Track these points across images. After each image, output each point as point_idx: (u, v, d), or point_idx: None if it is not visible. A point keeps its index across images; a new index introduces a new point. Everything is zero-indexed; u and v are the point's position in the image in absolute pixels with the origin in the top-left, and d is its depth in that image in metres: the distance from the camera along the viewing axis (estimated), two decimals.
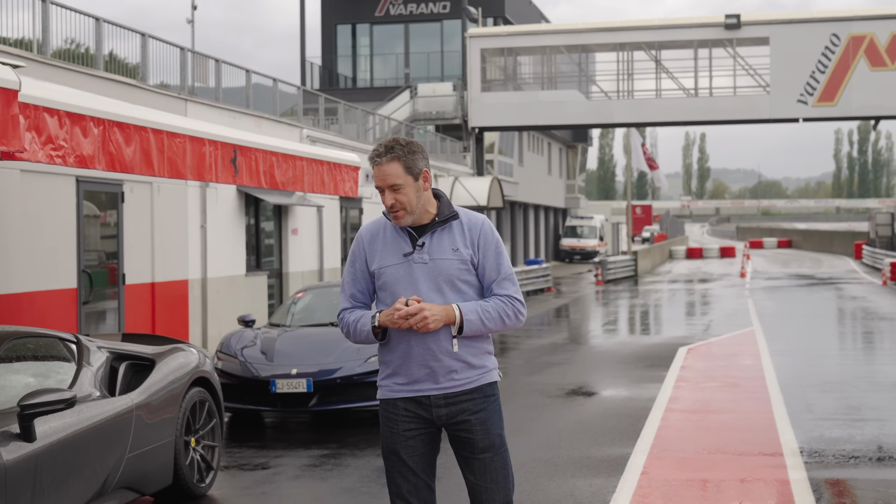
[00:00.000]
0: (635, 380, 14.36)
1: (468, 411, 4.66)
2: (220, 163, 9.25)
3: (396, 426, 4.69)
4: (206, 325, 17.76)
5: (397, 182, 4.64)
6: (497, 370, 4.81)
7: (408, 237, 4.73)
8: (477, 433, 4.66)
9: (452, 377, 4.65)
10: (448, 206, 4.81)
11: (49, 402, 6.37)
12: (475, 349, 4.70)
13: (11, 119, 6.14)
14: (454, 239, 4.73)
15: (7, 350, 6.90)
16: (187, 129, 8.86)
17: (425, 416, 4.68)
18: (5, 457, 6.15)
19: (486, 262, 4.73)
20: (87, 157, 7.34)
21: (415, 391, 4.68)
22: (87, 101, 7.50)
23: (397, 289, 4.67)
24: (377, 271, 4.74)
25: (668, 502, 7.70)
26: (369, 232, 4.84)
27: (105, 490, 7.23)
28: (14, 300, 12.83)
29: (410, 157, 4.69)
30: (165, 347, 8.44)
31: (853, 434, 10.22)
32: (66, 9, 14.66)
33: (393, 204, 4.65)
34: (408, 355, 4.67)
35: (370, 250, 4.78)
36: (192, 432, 8.36)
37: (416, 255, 4.69)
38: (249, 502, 8.22)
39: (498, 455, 4.68)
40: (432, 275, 4.67)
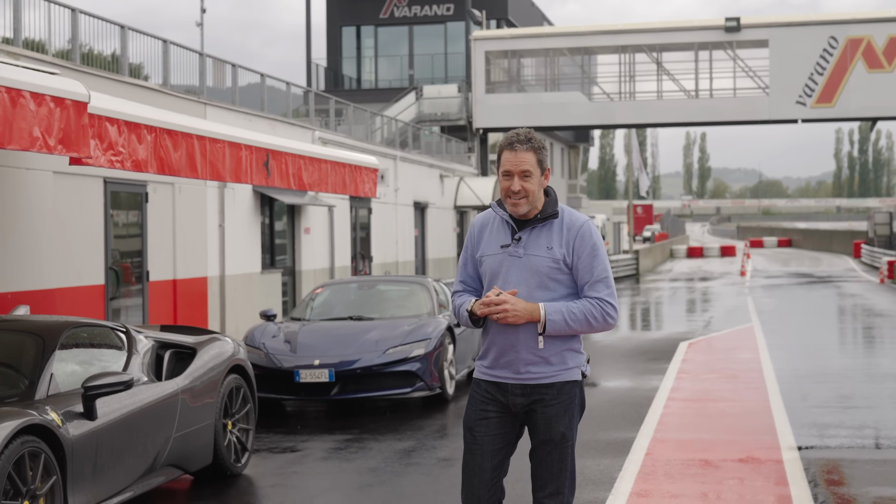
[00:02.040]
0: (638, 372, 15.00)
1: (539, 403, 4.88)
2: (255, 166, 9.92)
3: (475, 404, 4.98)
4: (224, 320, 18.41)
5: (529, 170, 4.84)
6: (580, 368, 4.96)
7: (509, 230, 4.96)
8: (540, 426, 4.88)
9: (530, 370, 4.87)
10: (553, 204, 4.96)
11: (110, 384, 7.05)
12: (557, 347, 4.88)
13: (82, 129, 6.81)
14: (551, 237, 4.90)
15: (67, 338, 7.55)
16: (226, 136, 9.54)
17: (502, 400, 4.92)
18: (72, 432, 6.82)
19: (581, 264, 4.88)
20: (142, 162, 8.01)
21: (496, 376, 4.94)
22: (141, 111, 8.18)
23: (492, 277, 4.95)
24: (479, 259, 5.01)
25: (671, 479, 8.35)
26: (481, 222, 5.09)
27: (155, 466, 7.90)
28: (47, 295, 13.48)
29: (543, 152, 4.91)
30: (205, 337, 9.10)
31: (844, 420, 10.88)
32: (93, 17, 15.31)
33: (519, 189, 4.83)
34: (493, 343, 4.94)
35: (478, 238, 5.04)
36: (230, 416, 9.01)
37: (512, 248, 4.90)
38: (283, 480, 8.87)
39: (557, 450, 4.88)
40: (523, 269, 4.87)
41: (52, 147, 6.94)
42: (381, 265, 27.17)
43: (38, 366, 7.15)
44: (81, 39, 15.25)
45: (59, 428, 6.67)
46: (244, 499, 8.41)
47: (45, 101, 6.78)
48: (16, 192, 12.94)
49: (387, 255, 27.93)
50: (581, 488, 8.21)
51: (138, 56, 17.25)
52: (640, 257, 46.18)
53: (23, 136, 6.63)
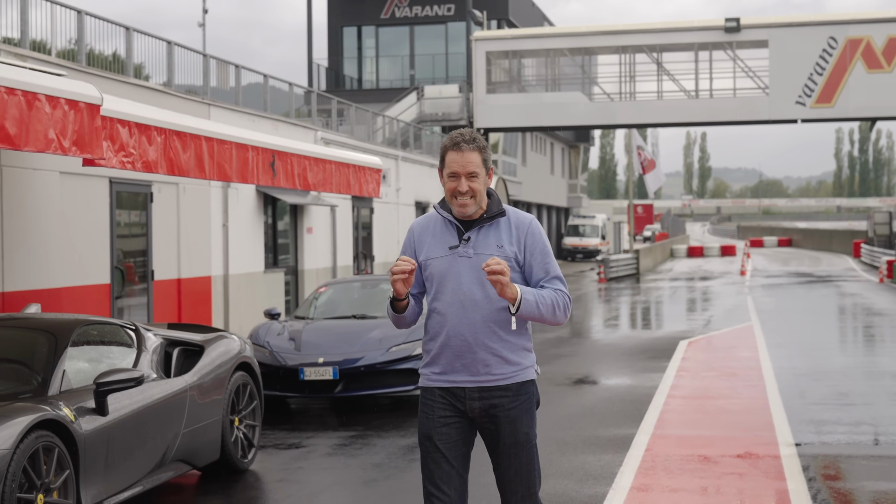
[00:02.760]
0: (638, 370, 15.15)
1: (500, 406, 4.77)
2: (261, 166, 10.09)
3: (432, 412, 4.83)
4: (227, 319, 18.57)
5: (476, 170, 4.77)
6: (534, 367, 4.91)
7: (455, 231, 4.87)
8: (504, 429, 4.78)
9: (489, 371, 4.77)
10: (498, 203, 4.90)
11: (121, 380, 7.20)
12: (512, 345, 4.81)
13: (95, 131, 6.97)
14: (500, 236, 4.84)
15: (78, 335, 7.71)
16: (233, 137, 9.70)
17: (459, 406, 4.81)
18: (84, 427, 6.97)
19: (534, 262, 4.86)
20: (152, 163, 8.18)
21: (450, 382, 4.81)
22: (151, 113, 8.34)
23: (442, 280, 4.83)
24: (424, 262, 4.89)
25: (671, 474, 8.50)
26: (420, 225, 4.99)
27: (164, 462, 8.05)
28: (54, 294, 13.64)
29: (487, 152, 4.86)
30: (212, 335, 9.25)
31: (841, 416, 11.04)
32: (99, 19, 15.46)
33: (467, 190, 4.76)
34: (445, 345, 4.81)
35: (419, 242, 4.93)
36: (236, 412, 9.16)
37: (462, 248, 4.81)
38: (288, 476, 9.02)
39: (524, 451, 4.81)
40: (475, 269, 4.78)
41: (66, 149, 7.11)
42: (382, 264, 27.33)
43: (51, 362, 7.30)
44: (87, 40, 15.39)
45: (72, 423, 6.83)
46: (251, 493, 8.56)
47: (60, 103, 6.95)
48: (23, 192, 13.10)
49: (388, 254, 28.10)
50: (582, 483, 8.38)
51: (143, 57, 17.41)
52: (640, 257, 46.32)
53: (39, 138, 6.80)
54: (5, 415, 6.43)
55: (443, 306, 4.82)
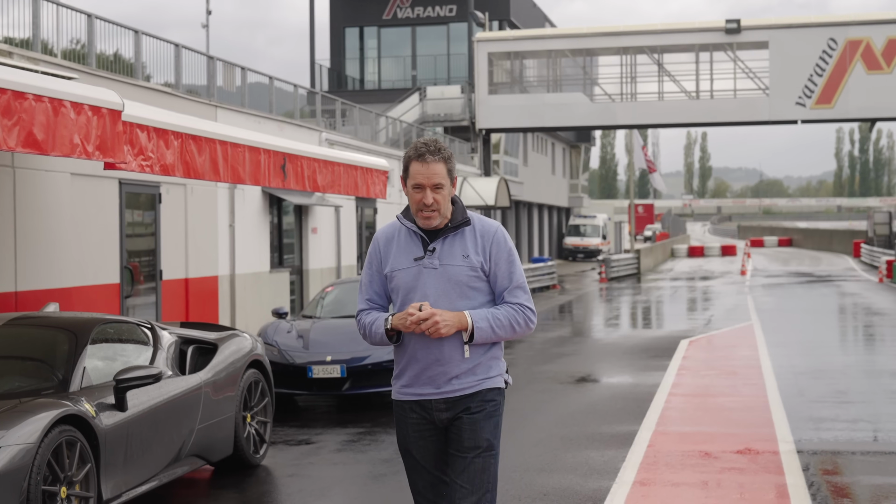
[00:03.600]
0: (640, 368, 15.38)
1: (465, 411, 4.72)
2: (272, 169, 10.33)
3: (406, 427, 4.82)
4: (234, 318, 18.79)
5: (441, 182, 4.68)
6: (503, 376, 4.84)
7: (420, 242, 4.77)
8: (465, 432, 4.71)
9: (452, 383, 4.72)
10: (462, 211, 4.81)
11: (140, 376, 7.44)
12: (481, 356, 4.76)
13: (117, 136, 7.21)
14: (465, 245, 4.75)
15: (97, 333, 7.93)
16: (246, 140, 9.95)
17: (428, 417, 4.78)
18: (105, 422, 7.20)
19: (499, 271, 4.76)
20: (169, 166, 8.42)
21: (417, 395, 4.78)
22: (168, 118, 8.58)
23: (408, 292, 4.74)
24: (389, 274, 4.80)
25: (672, 469, 8.73)
26: (385, 235, 4.88)
27: (180, 456, 8.28)
28: (65, 293, 13.86)
29: (452, 162, 4.77)
30: (225, 333, 9.48)
31: (840, 414, 11.27)
32: (108, 22, 15.69)
33: (432, 202, 4.67)
34: (413, 358, 4.77)
35: (385, 253, 4.83)
36: (249, 409, 9.39)
37: (427, 259, 4.73)
38: (299, 471, 9.25)
39: (480, 458, 4.70)
40: (441, 280, 4.71)
41: (90, 153, 7.34)
42: None
43: (72, 360, 7.52)
44: (95, 43, 15.62)
45: (93, 418, 7.05)
46: (263, 488, 8.78)
47: (84, 109, 7.18)
48: (35, 193, 13.32)
49: None
50: (586, 477, 8.61)
51: (151, 59, 17.63)
52: (641, 256, 46.54)
53: (64, 143, 7.04)
54: (30, 410, 6.65)
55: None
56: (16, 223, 12.92)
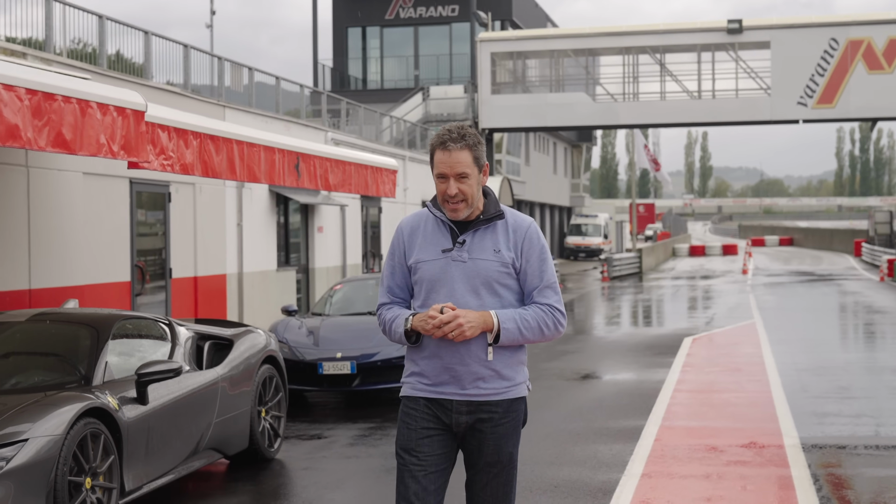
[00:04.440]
0: (645, 365, 15.56)
1: (487, 422, 4.48)
2: (286, 168, 10.53)
3: (415, 423, 4.52)
4: (241, 316, 18.98)
5: (466, 171, 4.43)
6: (526, 383, 4.61)
7: (449, 233, 4.54)
8: (488, 447, 4.49)
9: (479, 385, 4.47)
10: (495, 204, 4.58)
11: (161, 371, 7.63)
12: (509, 358, 4.51)
13: (140, 136, 7.40)
14: (497, 240, 4.52)
15: (117, 329, 8.12)
16: (261, 140, 10.15)
17: (445, 420, 4.51)
18: (127, 415, 7.39)
19: (529, 268, 4.53)
20: (189, 165, 8.62)
21: (438, 393, 4.51)
22: (187, 118, 8.78)
23: (433, 285, 4.51)
24: (413, 265, 4.57)
25: (679, 462, 8.92)
26: (410, 225, 4.65)
27: (198, 449, 8.47)
28: (78, 291, 14.04)
29: (479, 148, 4.50)
30: (240, 330, 9.67)
31: (842, 409, 11.46)
32: (119, 23, 15.88)
33: (457, 193, 4.44)
34: (435, 356, 4.50)
35: (409, 243, 4.60)
36: (263, 404, 9.58)
37: (456, 252, 4.49)
38: (313, 464, 9.43)
39: (503, 472, 4.52)
40: (470, 275, 4.47)
41: (115, 153, 7.54)
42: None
43: (94, 354, 7.71)
44: (105, 43, 15.81)
45: (116, 411, 7.24)
46: (279, 481, 8.97)
47: (110, 110, 7.38)
48: (48, 192, 13.51)
49: None
50: (595, 470, 8.79)
51: (160, 59, 17.80)
52: (643, 256, 46.71)
53: (91, 143, 7.23)
54: (55, 403, 6.84)
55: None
56: (30, 222, 13.10)
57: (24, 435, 6.48)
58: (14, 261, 12.80)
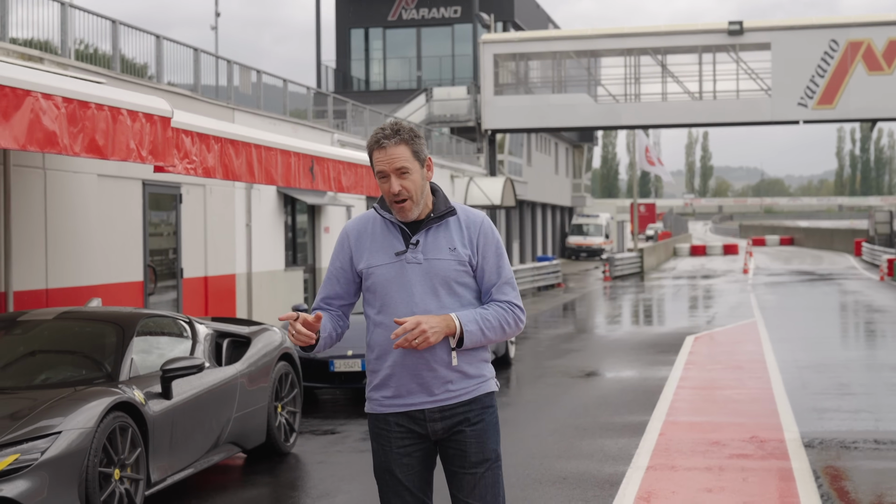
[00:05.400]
0: (648, 363, 15.86)
1: (465, 422, 4.31)
2: (302, 171, 10.85)
3: (389, 444, 4.33)
4: (250, 315, 19.27)
5: (405, 165, 4.21)
6: (494, 379, 4.44)
7: (400, 234, 4.32)
8: (471, 446, 4.31)
9: (448, 388, 4.28)
10: (445, 200, 4.38)
11: (185, 366, 7.93)
12: (472, 357, 4.34)
13: (167, 141, 7.72)
14: (451, 237, 4.32)
15: (141, 327, 8.42)
16: (277, 144, 10.48)
17: (419, 431, 4.31)
18: (153, 409, 7.69)
19: (486, 265, 4.35)
20: (210, 168, 8.93)
21: (407, 405, 4.30)
22: (209, 123, 9.10)
23: (389, 290, 4.29)
24: (365, 271, 4.33)
25: (683, 455, 9.21)
26: (356, 229, 4.40)
27: (218, 443, 8.77)
28: (93, 291, 14.34)
29: (417, 142, 4.28)
30: (257, 328, 9.96)
31: (842, 405, 11.75)
32: (132, 28, 16.18)
33: (400, 191, 4.21)
34: (398, 364, 4.28)
35: (357, 248, 4.36)
36: (280, 399, 9.87)
37: (410, 254, 4.28)
38: (328, 458, 9.72)
39: (490, 471, 4.34)
40: (427, 276, 4.26)
41: (144, 157, 7.85)
42: None
43: (120, 351, 8.01)
44: (118, 47, 16.11)
45: (143, 406, 7.54)
46: (296, 474, 9.26)
47: (139, 117, 7.69)
48: (64, 194, 13.81)
49: None
50: (602, 463, 9.09)
51: (170, 61, 18.09)
52: (644, 255, 47.01)
53: (121, 148, 7.54)
54: (85, 398, 7.14)
55: (391, 321, 4.26)
56: (46, 223, 13.40)
57: (58, 428, 6.78)
58: (32, 261, 13.10)
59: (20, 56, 12.86)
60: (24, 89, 6.46)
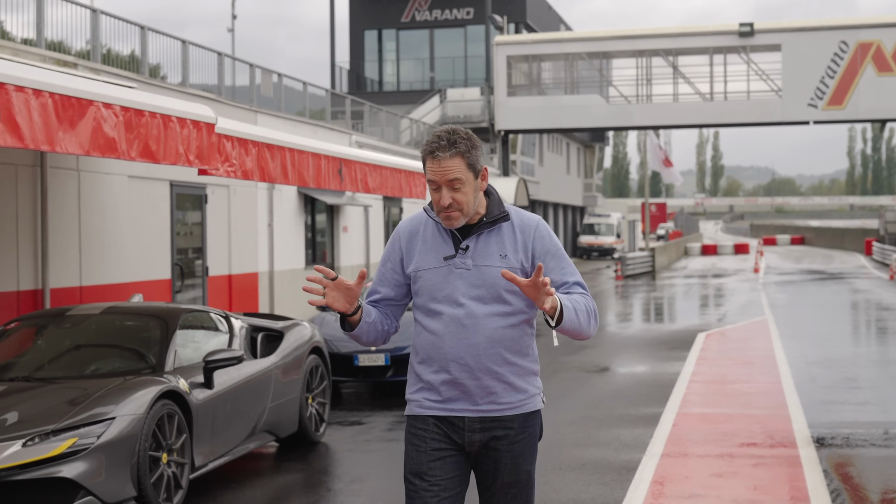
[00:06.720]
0: (660, 359, 16.31)
1: (503, 440, 4.16)
2: (331, 173, 11.36)
3: (425, 444, 4.17)
4: (273, 312, 19.77)
5: (459, 177, 4.05)
6: (541, 395, 4.29)
7: (451, 238, 4.17)
8: (505, 466, 4.17)
9: (492, 400, 4.14)
10: (498, 204, 4.22)
11: (226, 358, 8.42)
12: (520, 368, 4.18)
13: (211, 146, 8.22)
14: (503, 243, 4.16)
15: (183, 321, 8.91)
16: (308, 147, 10.99)
17: (456, 439, 4.17)
18: (197, 397, 8.17)
19: (547, 267, 4.18)
20: (249, 171, 9.44)
21: (448, 410, 4.16)
22: (247, 128, 9.63)
23: (436, 295, 4.14)
24: (414, 274, 4.21)
25: (696, 444, 9.67)
26: (408, 229, 4.28)
27: (255, 431, 9.25)
28: (124, 288, 14.85)
29: (474, 153, 4.10)
30: (289, 322, 10.45)
31: (849, 398, 12.20)
32: (160, 34, 16.69)
33: (450, 203, 4.07)
34: (442, 370, 4.15)
35: (408, 250, 4.24)
36: (311, 391, 10.36)
37: (459, 259, 4.14)
38: (357, 447, 10.20)
39: (522, 493, 4.21)
40: (474, 284, 4.12)
41: (191, 161, 8.36)
42: None
43: (164, 343, 8.49)
44: (146, 52, 16.62)
45: (187, 394, 8.02)
46: (327, 461, 9.74)
47: (187, 124, 8.19)
48: (96, 194, 14.31)
49: None
50: (618, 451, 9.55)
51: (194, 64, 18.60)
52: (655, 255, 47.39)
53: (171, 153, 8.04)
54: (134, 387, 7.62)
55: (438, 326, 4.14)
56: (80, 222, 13.91)
57: (111, 414, 7.26)
58: (67, 259, 13.61)
59: (56, 62, 13.36)
60: (88, 99, 6.98)
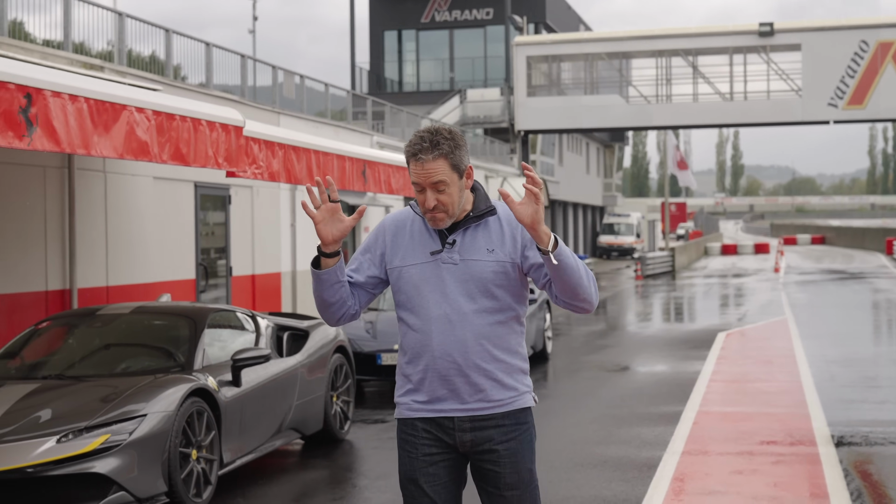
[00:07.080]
0: (681, 358, 16.40)
1: (496, 440, 4.07)
2: (355, 174, 11.53)
3: (416, 450, 4.10)
4: (295, 312, 19.95)
5: (443, 179, 3.97)
6: (532, 393, 4.19)
7: (437, 233, 4.11)
8: (505, 466, 4.07)
9: (481, 398, 4.05)
10: (485, 199, 4.16)
11: (254, 356, 8.58)
12: (508, 366, 4.10)
13: (239, 148, 8.39)
14: (490, 238, 4.09)
15: (211, 320, 9.07)
16: (333, 149, 11.16)
17: (447, 440, 4.09)
18: (225, 395, 8.34)
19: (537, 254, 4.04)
20: (275, 173, 9.62)
21: (436, 411, 4.08)
22: (273, 131, 9.80)
23: (422, 290, 4.06)
24: (398, 269, 4.12)
25: (716, 442, 9.78)
26: (394, 224, 4.20)
27: (281, 429, 9.41)
28: (150, 288, 15.05)
29: (458, 153, 4.01)
30: (314, 322, 10.61)
31: (868, 396, 12.28)
32: (184, 36, 16.89)
33: (435, 206, 4.00)
34: (430, 368, 4.06)
35: (392, 244, 4.16)
36: (335, 389, 10.51)
37: (445, 254, 4.07)
38: (381, 444, 10.35)
39: (526, 493, 4.10)
40: (462, 278, 4.05)
41: (220, 164, 8.53)
42: None
43: (193, 342, 8.66)
44: (171, 55, 16.82)
45: (216, 392, 8.19)
46: (351, 458, 9.89)
47: (216, 127, 8.36)
48: (122, 195, 14.51)
49: None
50: (640, 448, 9.67)
51: (218, 66, 18.80)
52: (675, 254, 47.40)
53: (200, 156, 8.21)
54: (165, 385, 7.79)
55: (423, 323, 4.06)
56: (107, 223, 14.11)
57: (143, 411, 7.43)
58: (93, 260, 13.82)
59: (83, 65, 13.57)
60: (121, 104, 7.15)
